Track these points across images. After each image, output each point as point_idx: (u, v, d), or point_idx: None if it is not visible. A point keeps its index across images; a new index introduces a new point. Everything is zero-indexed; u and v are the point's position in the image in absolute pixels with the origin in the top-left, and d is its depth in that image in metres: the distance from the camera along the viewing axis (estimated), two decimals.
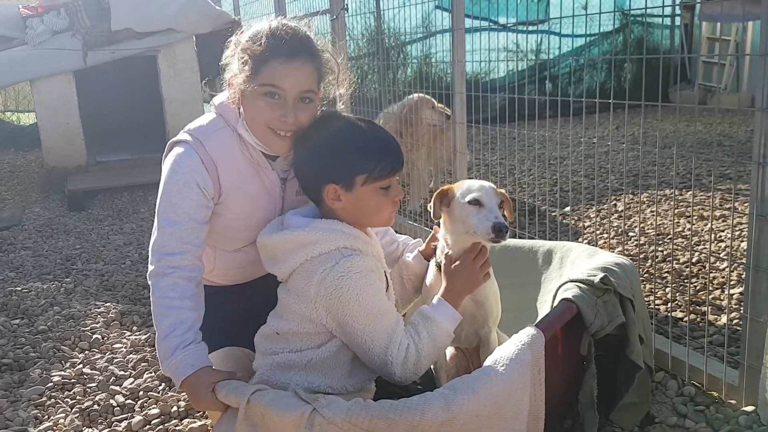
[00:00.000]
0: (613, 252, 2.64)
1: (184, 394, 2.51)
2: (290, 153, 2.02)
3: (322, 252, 1.70)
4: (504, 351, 1.69)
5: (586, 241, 3.91)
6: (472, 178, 2.17)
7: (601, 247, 3.39)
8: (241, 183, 1.98)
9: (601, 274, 2.05)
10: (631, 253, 3.67)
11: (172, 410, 2.43)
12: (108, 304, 3.46)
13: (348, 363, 1.78)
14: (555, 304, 2.03)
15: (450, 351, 2.16)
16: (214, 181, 1.92)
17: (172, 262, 1.86)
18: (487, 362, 1.66)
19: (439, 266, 1.95)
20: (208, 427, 2.25)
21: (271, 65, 1.81)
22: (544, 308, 2.39)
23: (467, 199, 1.83)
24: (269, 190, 2.05)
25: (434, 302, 1.83)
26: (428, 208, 1.94)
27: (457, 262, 1.88)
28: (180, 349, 1.78)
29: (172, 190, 1.89)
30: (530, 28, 8.15)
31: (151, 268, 1.89)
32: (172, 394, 2.54)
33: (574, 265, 2.37)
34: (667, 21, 9.82)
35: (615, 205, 4.75)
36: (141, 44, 6.21)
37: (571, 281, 2.06)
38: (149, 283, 1.90)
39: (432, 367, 2.04)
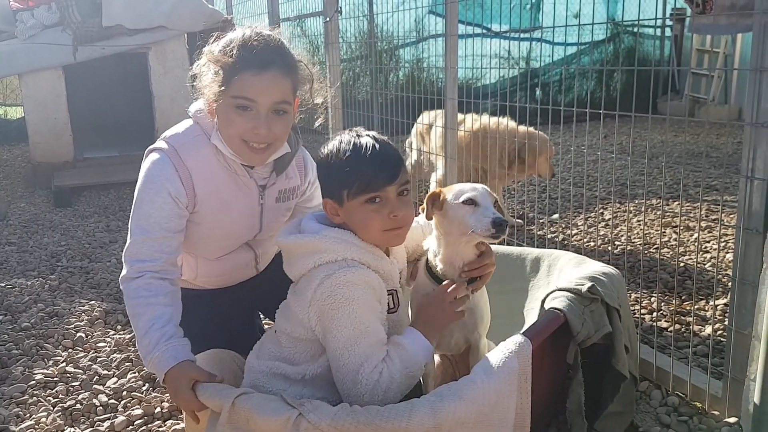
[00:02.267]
0: (600, 261, 2.65)
1: (167, 395, 2.49)
2: (268, 162, 2.00)
3: (329, 260, 1.68)
4: (491, 359, 1.69)
5: (573, 249, 3.93)
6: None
7: (587, 256, 3.41)
8: (217, 192, 1.96)
9: (589, 284, 2.05)
10: (618, 262, 3.69)
11: (156, 411, 2.41)
12: (92, 302, 3.44)
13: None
14: (542, 312, 2.04)
15: (437, 358, 2.16)
16: (188, 190, 1.90)
17: (143, 267, 1.85)
18: (475, 370, 1.66)
19: (429, 268, 1.95)
20: None
21: (242, 77, 1.78)
22: (531, 315, 2.39)
23: (462, 199, 1.82)
24: (247, 198, 2.03)
25: (405, 331, 1.79)
26: (419, 210, 1.92)
27: (431, 292, 1.87)
28: (162, 341, 1.76)
29: (144, 198, 1.88)
30: (522, 35, 8.19)
31: (123, 273, 1.88)
32: (156, 394, 2.53)
33: (561, 273, 2.38)
34: (658, 32, 9.90)
35: (602, 213, 4.78)
36: (132, 41, 6.18)
37: (559, 290, 2.07)
38: (121, 288, 1.88)
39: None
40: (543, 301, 2.10)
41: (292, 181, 2.14)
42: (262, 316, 2.68)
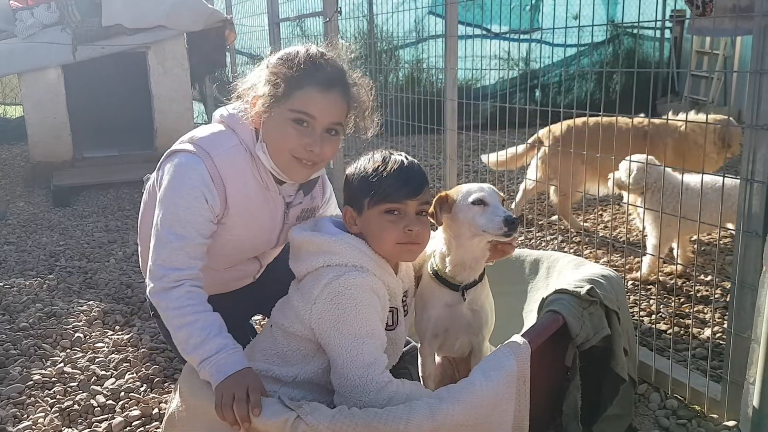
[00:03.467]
0: (599, 263, 2.65)
1: (165, 396, 2.49)
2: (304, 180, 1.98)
3: (339, 263, 1.72)
4: (490, 361, 1.69)
5: (572, 251, 3.92)
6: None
7: (586, 257, 3.41)
8: (247, 204, 1.91)
9: (588, 286, 2.05)
10: (616, 264, 3.69)
11: (154, 412, 2.41)
12: (91, 302, 3.43)
13: (331, 387, 1.76)
14: (542, 314, 2.03)
15: (437, 359, 2.16)
16: (221, 198, 1.84)
17: (181, 276, 1.76)
18: (474, 372, 1.66)
19: (435, 273, 1.94)
20: None
21: (306, 92, 1.77)
22: (530, 317, 2.39)
23: (471, 199, 1.83)
24: (272, 215, 2.00)
25: None
26: (433, 216, 1.90)
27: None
28: (230, 346, 1.71)
29: (179, 203, 1.79)
30: (521, 36, 8.18)
31: (153, 284, 1.77)
32: (153, 395, 2.52)
33: (560, 275, 2.37)
34: (657, 33, 9.89)
35: (601, 215, 4.77)
36: (131, 40, 6.16)
37: (558, 292, 2.07)
38: (153, 300, 1.79)
39: (420, 374, 2.04)
40: (542, 304, 2.10)
41: (315, 201, 2.13)
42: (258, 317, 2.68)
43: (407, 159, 1.80)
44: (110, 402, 2.49)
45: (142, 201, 2.06)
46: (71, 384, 2.62)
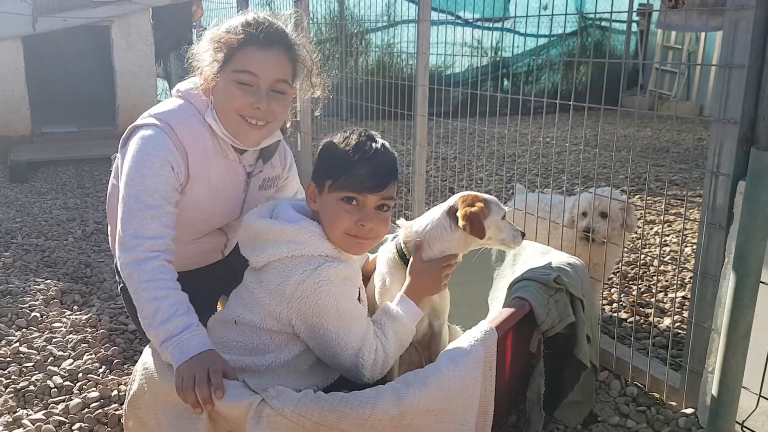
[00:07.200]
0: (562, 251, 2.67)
1: (125, 377, 2.45)
2: (260, 147, 1.97)
3: (305, 254, 1.69)
4: (457, 346, 1.69)
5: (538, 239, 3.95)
6: (428, 172, 2.16)
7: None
8: (208, 174, 1.91)
9: (555, 274, 2.07)
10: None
11: (113, 394, 2.36)
12: (48, 281, 3.35)
13: (306, 368, 1.76)
14: (508, 301, 2.04)
15: None
16: (184, 168, 1.85)
17: (155, 246, 1.73)
18: (441, 357, 1.66)
19: (401, 254, 1.92)
20: None
21: (245, 51, 1.79)
22: (495, 304, 2.41)
23: (501, 215, 1.91)
24: (234, 184, 1.99)
25: (398, 300, 1.82)
26: (463, 228, 1.85)
27: (425, 263, 1.87)
28: (194, 326, 1.68)
29: (146, 172, 1.77)
30: (490, 24, 8.19)
31: (126, 254, 1.72)
32: (112, 377, 2.47)
33: (527, 262, 2.39)
34: (624, 26, 10.01)
35: None
36: (95, 13, 6.01)
37: (525, 279, 2.08)
38: (124, 271, 1.73)
39: None
40: (509, 290, 2.11)
41: (275, 170, 2.13)
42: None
43: (382, 149, 1.75)
44: (67, 383, 2.43)
45: (110, 182, 2.03)
46: (27, 364, 2.55)
